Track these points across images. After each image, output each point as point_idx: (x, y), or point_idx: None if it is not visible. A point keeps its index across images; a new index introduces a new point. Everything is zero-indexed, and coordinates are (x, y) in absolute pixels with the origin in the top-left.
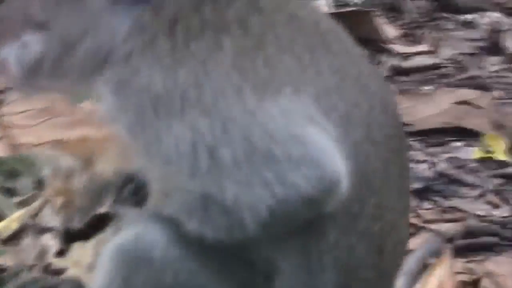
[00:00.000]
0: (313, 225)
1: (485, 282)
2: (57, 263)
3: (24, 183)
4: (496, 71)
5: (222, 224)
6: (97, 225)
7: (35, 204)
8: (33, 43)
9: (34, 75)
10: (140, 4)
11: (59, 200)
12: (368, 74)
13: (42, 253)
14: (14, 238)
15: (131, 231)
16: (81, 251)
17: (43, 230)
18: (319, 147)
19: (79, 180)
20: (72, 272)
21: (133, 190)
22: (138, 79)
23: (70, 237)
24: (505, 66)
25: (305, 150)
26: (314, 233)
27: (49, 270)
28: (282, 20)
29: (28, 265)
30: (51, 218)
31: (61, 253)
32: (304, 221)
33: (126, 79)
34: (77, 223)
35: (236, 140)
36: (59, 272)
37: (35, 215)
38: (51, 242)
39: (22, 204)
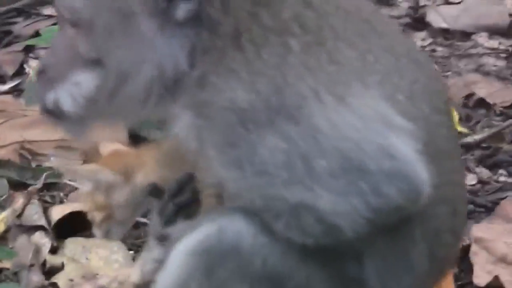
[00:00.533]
0: None
1: (474, 248)
2: (52, 260)
3: None
4: (424, 46)
5: (314, 231)
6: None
7: (18, 205)
8: (86, 81)
9: (88, 114)
10: (190, 24)
11: (99, 215)
12: (413, 48)
13: (36, 251)
14: (2, 238)
15: (211, 226)
16: (74, 246)
17: (32, 228)
18: (407, 160)
19: (119, 194)
20: (69, 268)
21: (181, 201)
22: (220, 98)
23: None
24: (431, 40)
25: (395, 163)
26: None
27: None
28: (332, 11)
29: (26, 264)
30: (38, 217)
31: (54, 250)
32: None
33: (207, 100)
34: (116, 236)
35: (328, 150)
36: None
37: (20, 215)
38: (43, 240)
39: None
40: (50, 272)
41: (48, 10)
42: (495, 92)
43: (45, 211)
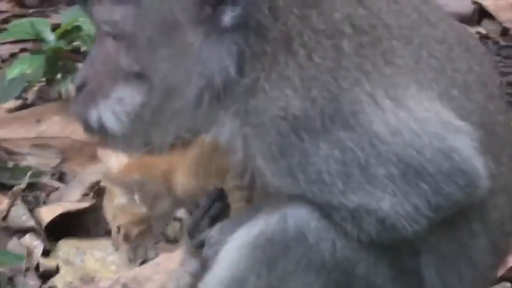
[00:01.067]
0: None
1: None
2: (46, 263)
3: None
4: None
5: (373, 230)
6: None
7: (3, 206)
8: (130, 97)
9: (134, 131)
10: (237, 30)
11: (136, 229)
12: (463, 33)
13: (28, 254)
14: None
15: (269, 217)
16: (67, 248)
17: (21, 231)
18: (466, 158)
19: (161, 206)
20: (64, 271)
21: (214, 213)
22: (272, 106)
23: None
24: None
25: (454, 162)
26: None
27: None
28: (383, 7)
29: (21, 269)
30: (26, 218)
31: (47, 252)
32: None
33: (258, 108)
34: (142, 253)
35: (388, 157)
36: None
37: (5, 217)
38: (35, 242)
39: None
40: (44, 275)
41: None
42: None
43: (31, 212)
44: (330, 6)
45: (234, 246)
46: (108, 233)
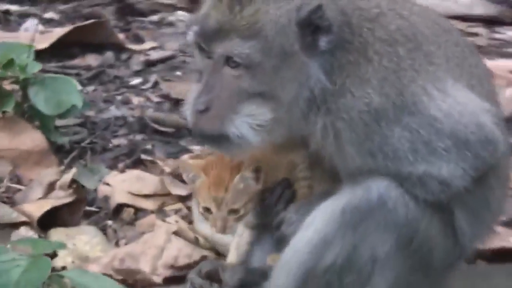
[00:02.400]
0: None
1: None
2: None
3: None
4: (179, 49)
5: (436, 190)
6: None
7: None
8: (259, 111)
9: (265, 135)
10: (328, 50)
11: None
12: (461, 36)
13: None
14: None
15: (355, 189)
16: (58, 236)
17: (13, 225)
18: (492, 129)
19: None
20: (62, 254)
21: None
22: (358, 103)
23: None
24: None
25: (486, 133)
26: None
27: None
28: (417, 20)
29: None
30: (16, 215)
31: None
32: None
33: (347, 106)
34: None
35: (443, 133)
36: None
37: None
38: (29, 233)
39: None
40: None
41: None
42: None
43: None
44: (385, 19)
45: (322, 214)
46: (86, 221)
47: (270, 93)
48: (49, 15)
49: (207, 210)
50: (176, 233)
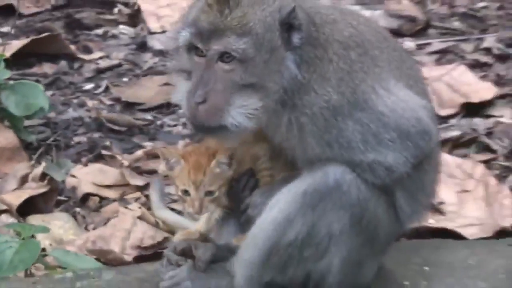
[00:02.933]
0: None
1: None
2: None
3: None
4: (155, 63)
5: (382, 175)
6: None
7: None
8: (250, 102)
9: (257, 122)
10: (300, 45)
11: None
12: (405, 51)
13: None
14: None
15: (315, 173)
16: (36, 221)
17: None
18: (428, 122)
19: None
20: (40, 237)
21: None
22: (320, 100)
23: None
24: (156, 59)
25: (423, 125)
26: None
27: None
28: (364, 29)
29: None
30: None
31: None
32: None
33: (311, 102)
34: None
35: (389, 126)
36: None
37: None
38: (10, 219)
39: None
40: None
41: None
42: None
43: None
44: (340, 26)
45: (285, 195)
46: (58, 208)
47: (259, 84)
48: (5, 29)
49: (185, 192)
50: (140, 217)
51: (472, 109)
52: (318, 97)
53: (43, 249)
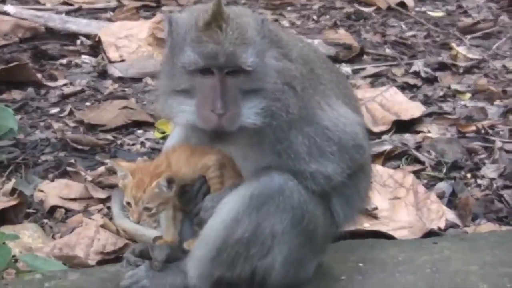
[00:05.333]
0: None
1: None
2: None
3: None
4: (115, 89)
5: (322, 183)
6: None
7: None
8: (256, 103)
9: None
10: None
11: (161, 208)
12: (341, 73)
13: None
14: None
15: (261, 178)
16: (7, 231)
17: None
18: (362, 137)
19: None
20: (10, 244)
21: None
22: (284, 110)
23: None
24: (116, 85)
25: (359, 140)
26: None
27: None
28: (308, 51)
29: None
30: None
31: None
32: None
33: (282, 108)
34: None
35: (333, 141)
36: None
37: None
38: None
39: None
40: None
41: None
42: None
43: None
44: (291, 45)
45: (235, 198)
46: (27, 220)
47: (260, 87)
48: None
49: (128, 204)
50: (102, 226)
51: (402, 126)
52: (283, 108)
53: (14, 256)
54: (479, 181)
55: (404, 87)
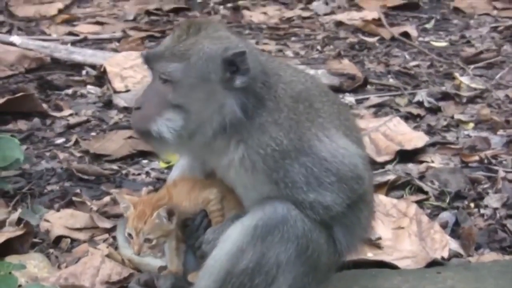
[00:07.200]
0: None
1: None
2: None
3: None
4: (120, 119)
5: (321, 212)
6: None
7: None
8: (174, 119)
9: (176, 141)
10: (242, 89)
11: (162, 239)
12: (343, 104)
13: None
14: None
15: (264, 208)
16: (13, 261)
17: None
18: (362, 167)
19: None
20: (17, 274)
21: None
22: (273, 141)
23: None
24: (121, 115)
25: (358, 171)
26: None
27: None
28: (310, 85)
29: None
30: None
31: None
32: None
33: (264, 142)
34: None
35: (331, 171)
36: None
37: None
38: None
39: None
40: None
41: None
42: None
43: None
44: (293, 84)
45: (238, 228)
46: (33, 250)
47: (185, 107)
48: None
49: (130, 235)
50: (108, 256)
51: (406, 156)
52: (271, 140)
53: (20, 286)
54: (482, 211)
55: (408, 117)
